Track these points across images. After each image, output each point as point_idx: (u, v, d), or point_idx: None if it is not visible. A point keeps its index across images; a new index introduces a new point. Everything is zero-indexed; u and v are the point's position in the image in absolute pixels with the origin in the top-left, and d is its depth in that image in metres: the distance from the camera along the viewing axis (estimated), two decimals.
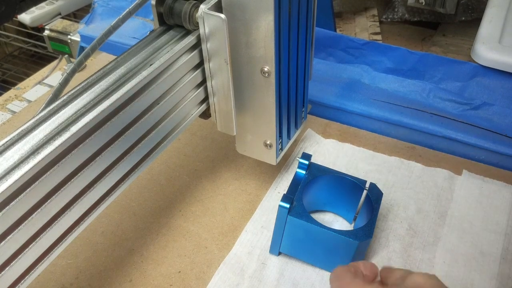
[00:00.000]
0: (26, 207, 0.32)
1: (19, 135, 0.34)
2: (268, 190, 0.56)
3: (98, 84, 0.39)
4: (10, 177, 0.31)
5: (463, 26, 0.90)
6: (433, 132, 0.62)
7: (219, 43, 0.43)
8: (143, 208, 0.56)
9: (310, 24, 0.49)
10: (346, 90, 0.68)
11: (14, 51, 1.64)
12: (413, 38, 0.98)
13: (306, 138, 0.63)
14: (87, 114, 0.36)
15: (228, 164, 0.61)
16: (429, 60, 0.69)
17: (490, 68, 0.65)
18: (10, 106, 0.78)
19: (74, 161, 0.35)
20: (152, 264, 0.50)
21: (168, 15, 0.45)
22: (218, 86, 0.47)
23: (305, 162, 0.50)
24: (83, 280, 0.48)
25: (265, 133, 0.50)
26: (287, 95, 0.49)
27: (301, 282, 0.47)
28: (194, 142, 0.64)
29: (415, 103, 0.64)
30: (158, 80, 0.42)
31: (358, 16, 1.03)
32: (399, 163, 0.59)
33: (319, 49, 0.74)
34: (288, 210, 0.45)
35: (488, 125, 0.61)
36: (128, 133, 0.40)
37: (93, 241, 0.52)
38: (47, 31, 1.10)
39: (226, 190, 0.57)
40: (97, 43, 0.44)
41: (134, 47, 0.44)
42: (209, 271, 0.49)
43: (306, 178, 0.49)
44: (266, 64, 0.43)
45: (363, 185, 0.49)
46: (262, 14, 0.40)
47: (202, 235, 0.52)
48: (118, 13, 0.45)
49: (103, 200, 0.39)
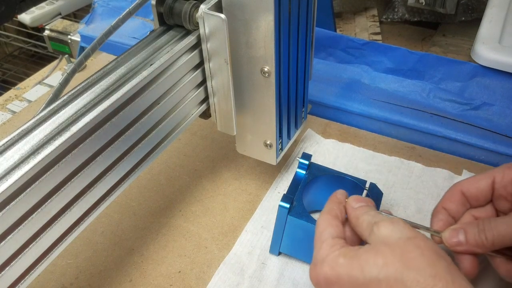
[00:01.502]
0: (26, 207, 0.32)
1: (19, 135, 0.34)
2: (268, 190, 0.56)
3: (98, 84, 0.39)
4: (10, 177, 0.31)
5: (463, 26, 0.90)
6: (433, 132, 0.62)
7: (219, 43, 0.43)
8: (143, 208, 0.56)
9: (310, 24, 0.49)
10: (346, 90, 0.68)
11: (14, 51, 1.64)
12: (413, 38, 0.98)
13: (306, 138, 0.63)
14: (87, 114, 0.36)
15: (228, 164, 0.61)
16: (429, 60, 0.69)
17: (490, 68, 0.65)
18: (10, 106, 0.78)
19: (74, 161, 0.35)
20: (152, 264, 0.50)
21: (168, 15, 0.45)
22: (218, 86, 0.47)
23: (305, 162, 0.50)
24: (83, 280, 0.48)
25: (265, 133, 0.50)
26: (287, 95, 0.49)
27: (301, 282, 0.47)
28: (194, 142, 0.64)
29: (415, 103, 0.64)
30: (158, 80, 0.42)
31: (358, 16, 1.03)
32: (399, 163, 0.59)
33: (319, 49, 0.74)
34: (288, 210, 0.45)
35: (488, 125, 0.61)
36: (128, 133, 0.40)
37: (93, 241, 0.52)
38: (47, 31, 1.11)
39: (226, 190, 0.57)
40: (97, 43, 0.44)
41: (134, 47, 0.44)
42: (209, 271, 0.49)
43: (306, 178, 0.49)
44: (266, 64, 0.43)
45: (363, 185, 0.49)
46: (262, 14, 0.40)
47: (202, 235, 0.52)
48: (118, 13, 0.45)
49: (103, 200, 0.39)
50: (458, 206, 0.40)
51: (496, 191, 0.38)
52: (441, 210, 0.40)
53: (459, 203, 0.40)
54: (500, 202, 0.38)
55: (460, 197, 0.40)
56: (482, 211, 0.40)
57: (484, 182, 0.39)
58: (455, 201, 0.40)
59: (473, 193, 0.39)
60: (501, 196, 0.38)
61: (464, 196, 0.40)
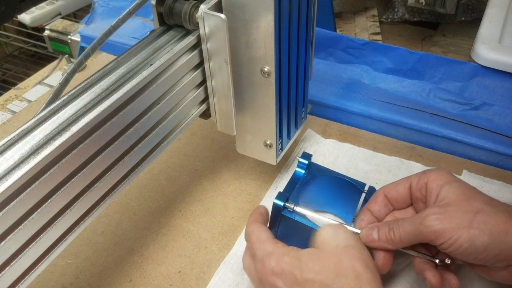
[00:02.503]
0: (26, 207, 0.32)
1: (19, 135, 0.34)
2: (268, 190, 0.56)
3: (98, 84, 0.39)
4: (10, 177, 0.31)
5: (463, 26, 0.90)
6: (433, 132, 0.62)
7: (219, 43, 0.43)
8: (143, 208, 0.56)
9: (310, 24, 0.49)
10: (346, 90, 0.68)
11: (14, 51, 1.64)
12: (413, 38, 0.98)
13: (306, 138, 0.63)
14: (87, 114, 0.36)
15: (228, 164, 0.61)
16: (429, 60, 0.69)
17: (490, 68, 0.65)
18: (10, 106, 0.78)
19: (74, 161, 0.35)
20: (152, 264, 0.50)
21: (168, 15, 0.45)
22: (218, 86, 0.47)
23: (304, 161, 0.50)
24: (83, 280, 0.48)
25: (265, 133, 0.50)
26: (287, 95, 0.49)
27: None
28: (194, 142, 0.64)
29: (415, 103, 0.64)
30: (158, 80, 0.42)
31: (358, 16, 1.03)
32: (399, 163, 0.59)
33: (319, 49, 0.74)
34: (282, 208, 0.45)
35: (488, 125, 0.61)
36: (128, 133, 0.40)
37: (93, 241, 0.52)
38: (47, 31, 1.11)
39: (226, 190, 0.57)
40: (97, 43, 0.44)
41: (134, 47, 0.44)
42: (209, 271, 0.49)
43: (305, 177, 0.49)
44: (266, 64, 0.43)
45: (362, 188, 0.48)
46: (262, 14, 0.40)
47: (202, 235, 0.52)
48: (118, 13, 0.45)
49: (103, 200, 0.39)
50: (381, 208, 0.44)
51: (413, 194, 0.42)
52: (365, 211, 0.44)
53: (381, 205, 0.44)
54: (418, 204, 0.43)
55: (383, 200, 0.44)
56: (403, 212, 0.44)
57: (402, 186, 0.43)
58: (379, 203, 0.44)
59: (393, 195, 0.44)
60: (417, 198, 0.42)
61: (386, 198, 0.44)
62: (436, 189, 0.40)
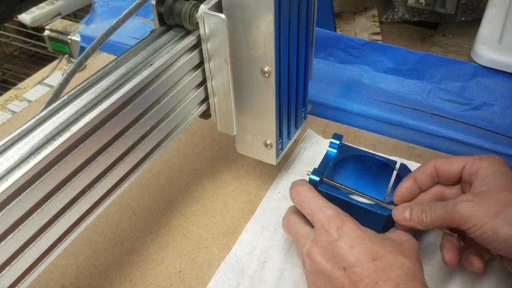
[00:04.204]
0: (26, 207, 0.32)
1: (19, 135, 0.34)
2: (268, 190, 0.56)
3: (98, 84, 0.39)
4: (10, 177, 0.31)
5: (463, 26, 0.90)
6: (433, 132, 0.62)
7: (219, 43, 0.43)
8: (143, 208, 0.56)
9: (310, 24, 0.50)
10: (346, 90, 0.68)
11: (14, 51, 1.64)
12: (413, 38, 0.98)
13: (306, 138, 0.63)
14: (87, 114, 0.36)
15: (228, 164, 0.61)
16: (429, 60, 0.69)
17: (490, 68, 0.65)
18: (10, 106, 0.78)
19: (75, 161, 0.35)
20: (152, 264, 0.50)
21: (168, 15, 0.45)
22: (218, 86, 0.47)
23: (336, 141, 0.51)
24: (83, 280, 0.48)
25: (265, 133, 0.50)
26: (287, 95, 0.49)
27: (302, 282, 0.47)
28: (194, 142, 0.64)
29: (415, 103, 0.64)
30: (158, 80, 0.42)
31: (358, 16, 1.03)
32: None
33: (319, 49, 0.74)
34: (318, 183, 0.46)
35: (488, 125, 0.61)
36: (128, 133, 0.40)
37: (93, 241, 0.52)
38: (47, 31, 1.10)
39: (226, 190, 0.57)
40: (97, 43, 0.44)
41: (134, 47, 0.44)
42: (209, 271, 0.49)
43: (337, 157, 0.50)
44: (266, 64, 0.43)
45: (393, 165, 0.49)
46: (262, 14, 0.40)
47: (202, 235, 0.52)
48: (118, 13, 0.45)
49: (103, 200, 0.39)
50: (428, 179, 0.45)
51: (463, 176, 0.44)
52: (410, 178, 0.45)
53: (429, 176, 0.45)
54: (465, 186, 0.44)
55: (432, 172, 0.45)
56: (450, 189, 0.45)
57: (455, 166, 0.44)
58: (427, 174, 0.45)
59: (445, 172, 0.44)
60: (466, 181, 0.43)
61: (436, 171, 0.45)
62: (483, 178, 0.41)
